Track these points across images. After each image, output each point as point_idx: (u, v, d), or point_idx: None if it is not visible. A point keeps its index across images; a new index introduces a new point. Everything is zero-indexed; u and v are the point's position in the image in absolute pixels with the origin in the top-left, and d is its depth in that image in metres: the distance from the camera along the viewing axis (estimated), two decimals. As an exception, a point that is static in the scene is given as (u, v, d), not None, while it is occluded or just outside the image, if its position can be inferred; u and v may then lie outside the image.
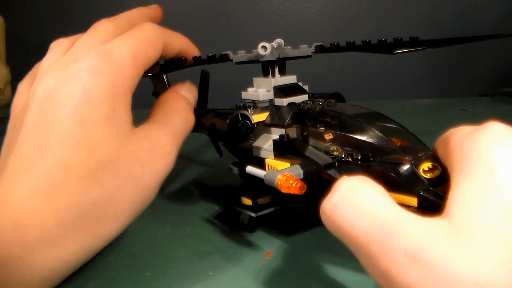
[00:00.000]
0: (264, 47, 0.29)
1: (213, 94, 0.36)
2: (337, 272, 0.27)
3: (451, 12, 0.92)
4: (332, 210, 0.19)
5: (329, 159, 0.26)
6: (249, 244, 0.31)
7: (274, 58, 0.31)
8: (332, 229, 0.19)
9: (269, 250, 0.30)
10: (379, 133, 0.25)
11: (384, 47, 0.29)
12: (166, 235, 0.33)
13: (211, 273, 0.27)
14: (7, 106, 0.85)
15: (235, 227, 0.33)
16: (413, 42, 0.28)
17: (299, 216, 0.35)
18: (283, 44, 0.32)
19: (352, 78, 0.91)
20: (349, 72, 0.89)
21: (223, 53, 0.31)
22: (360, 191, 0.19)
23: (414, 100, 0.87)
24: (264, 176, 0.25)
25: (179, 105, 0.31)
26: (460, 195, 0.17)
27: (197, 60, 0.32)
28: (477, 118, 0.68)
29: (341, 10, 0.88)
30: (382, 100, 0.86)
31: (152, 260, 0.29)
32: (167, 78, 0.42)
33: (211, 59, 0.32)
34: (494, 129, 0.18)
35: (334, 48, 0.31)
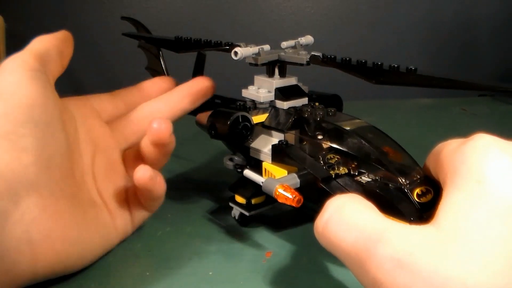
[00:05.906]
0: (236, 53, 0.29)
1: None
2: (337, 272, 0.27)
3: (450, 11, 0.92)
4: (323, 228, 0.20)
5: (326, 172, 0.26)
6: (249, 244, 0.31)
7: (258, 62, 0.31)
8: (325, 245, 0.20)
9: (269, 250, 0.30)
10: (376, 150, 0.25)
11: (370, 75, 0.27)
12: (166, 235, 0.33)
13: (211, 273, 0.27)
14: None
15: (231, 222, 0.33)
16: (408, 73, 0.24)
17: (299, 216, 0.35)
18: (269, 50, 0.31)
19: (352, 77, 0.91)
20: (349, 72, 0.89)
21: (234, 43, 0.32)
22: (348, 207, 0.19)
23: (414, 100, 0.87)
24: (262, 183, 0.25)
25: None
26: (449, 204, 0.17)
27: (207, 43, 0.34)
28: (477, 118, 0.68)
29: (341, 10, 0.88)
30: (382, 100, 0.86)
31: (152, 260, 0.29)
32: (162, 54, 0.41)
33: (217, 45, 0.33)
34: (481, 141, 0.18)
35: (328, 61, 0.30)
